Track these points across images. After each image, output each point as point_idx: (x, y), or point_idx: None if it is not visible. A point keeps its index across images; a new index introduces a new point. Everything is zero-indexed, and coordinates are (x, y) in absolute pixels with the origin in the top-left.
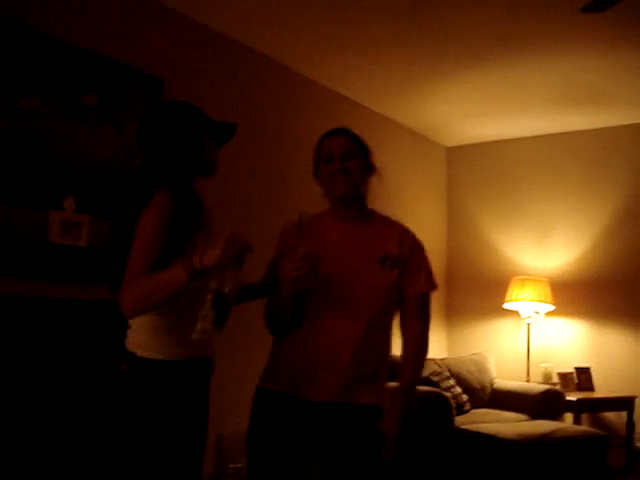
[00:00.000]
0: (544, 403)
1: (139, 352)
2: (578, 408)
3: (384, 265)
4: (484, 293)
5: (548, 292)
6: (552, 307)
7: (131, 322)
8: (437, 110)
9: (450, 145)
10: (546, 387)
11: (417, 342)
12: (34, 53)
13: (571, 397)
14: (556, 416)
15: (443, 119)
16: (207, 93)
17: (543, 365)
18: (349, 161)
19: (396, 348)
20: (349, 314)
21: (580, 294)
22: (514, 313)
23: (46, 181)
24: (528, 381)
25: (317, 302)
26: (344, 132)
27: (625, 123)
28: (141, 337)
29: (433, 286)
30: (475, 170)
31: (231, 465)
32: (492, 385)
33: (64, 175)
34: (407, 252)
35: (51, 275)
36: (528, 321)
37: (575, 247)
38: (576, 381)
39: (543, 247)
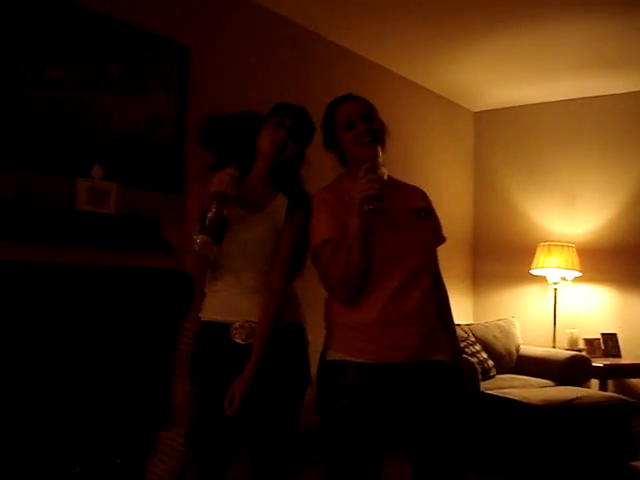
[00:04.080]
0: (570, 369)
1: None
2: (604, 374)
3: (420, 217)
4: (511, 259)
5: (575, 258)
6: (579, 273)
7: None
8: (465, 75)
9: (477, 110)
10: (572, 353)
11: (447, 296)
12: (58, 21)
13: (597, 363)
14: (582, 382)
15: (470, 84)
16: (234, 60)
17: (569, 331)
18: (371, 123)
19: None
20: (405, 269)
21: (607, 260)
22: (541, 279)
23: (73, 149)
24: (554, 347)
25: (373, 264)
26: (355, 97)
27: None
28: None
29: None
30: (502, 135)
31: None
32: (518, 351)
33: (91, 143)
34: (431, 207)
35: (79, 242)
36: (555, 287)
37: (603, 213)
38: (602, 347)
39: (570, 213)
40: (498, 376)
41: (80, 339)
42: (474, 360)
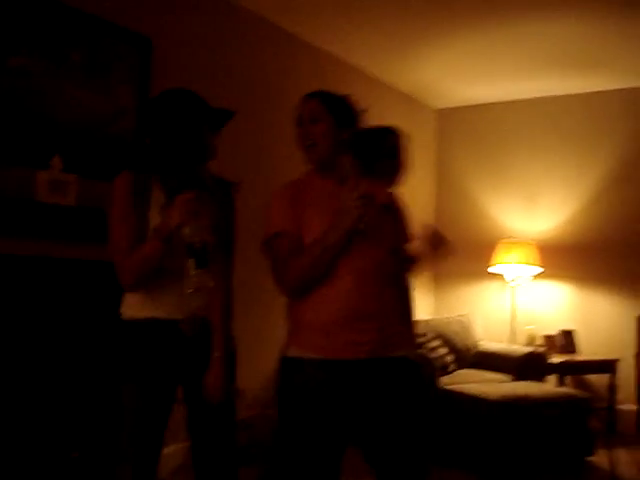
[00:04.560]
0: (527, 365)
1: (122, 311)
2: (562, 370)
3: (380, 215)
4: (472, 256)
5: (535, 255)
6: (539, 270)
7: None
8: (427, 71)
9: (440, 107)
10: (529, 349)
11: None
12: (20, 10)
13: (555, 359)
14: (540, 378)
15: (433, 80)
16: (196, 52)
17: (527, 328)
18: (315, 125)
19: None
20: (361, 266)
21: (567, 257)
22: (501, 276)
23: (33, 140)
24: (513, 343)
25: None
26: (317, 94)
27: (615, 87)
28: (125, 298)
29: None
30: (464, 133)
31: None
32: (476, 347)
33: (51, 134)
34: (399, 203)
35: (39, 234)
36: (514, 284)
37: (563, 210)
38: (561, 344)
39: (531, 210)
40: (457, 371)
41: (39, 331)
42: (433, 355)
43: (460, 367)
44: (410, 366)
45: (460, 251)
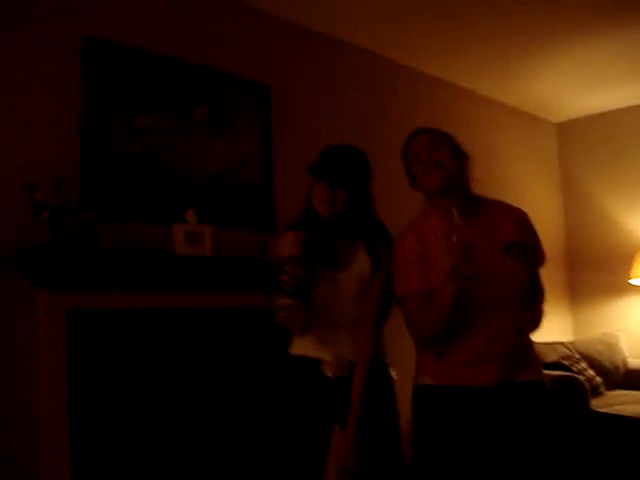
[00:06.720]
0: None
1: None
2: None
3: (511, 255)
4: (608, 269)
5: None
6: None
7: None
8: (543, 86)
9: (559, 121)
10: None
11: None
12: (143, 71)
13: None
14: None
15: (550, 95)
16: (313, 96)
17: None
18: (436, 153)
19: None
20: (496, 313)
21: None
22: None
23: (166, 195)
24: None
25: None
26: (421, 131)
27: None
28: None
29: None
30: (588, 143)
31: None
32: (625, 365)
33: (183, 188)
34: (528, 235)
35: (180, 285)
36: None
37: None
38: None
39: None
40: (607, 392)
41: (186, 380)
42: (581, 378)
43: (609, 388)
44: (540, 390)
45: (595, 265)
